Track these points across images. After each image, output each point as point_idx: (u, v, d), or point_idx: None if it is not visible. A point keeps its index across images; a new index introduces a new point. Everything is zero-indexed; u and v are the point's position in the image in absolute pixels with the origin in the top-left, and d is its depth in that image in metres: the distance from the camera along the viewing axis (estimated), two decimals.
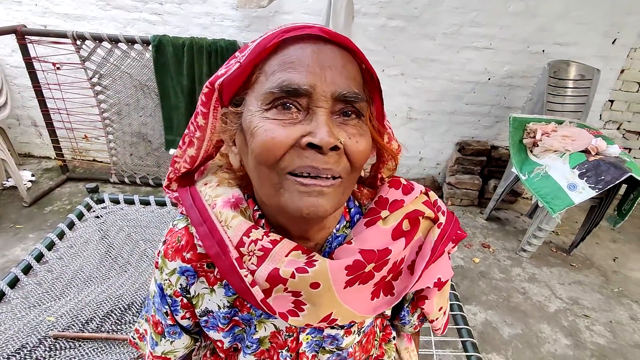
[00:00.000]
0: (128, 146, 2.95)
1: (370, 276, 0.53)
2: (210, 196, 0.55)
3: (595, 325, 2.15)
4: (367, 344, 0.68)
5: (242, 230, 0.51)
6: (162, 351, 0.66)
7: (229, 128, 0.51)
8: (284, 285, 0.50)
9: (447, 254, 0.61)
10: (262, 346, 0.61)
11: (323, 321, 0.52)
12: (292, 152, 0.45)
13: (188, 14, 2.78)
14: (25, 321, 1.31)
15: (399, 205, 0.57)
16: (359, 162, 0.48)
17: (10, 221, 2.54)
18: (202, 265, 0.57)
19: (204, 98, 0.51)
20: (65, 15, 2.83)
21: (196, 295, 0.59)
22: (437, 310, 0.66)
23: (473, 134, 3.18)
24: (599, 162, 2.15)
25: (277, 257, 0.50)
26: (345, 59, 0.47)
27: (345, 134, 0.46)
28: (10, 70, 3.00)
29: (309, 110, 0.45)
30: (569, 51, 2.78)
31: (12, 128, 3.28)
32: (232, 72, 0.48)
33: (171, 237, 0.59)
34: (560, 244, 2.85)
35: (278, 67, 0.45)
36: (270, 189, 0.47)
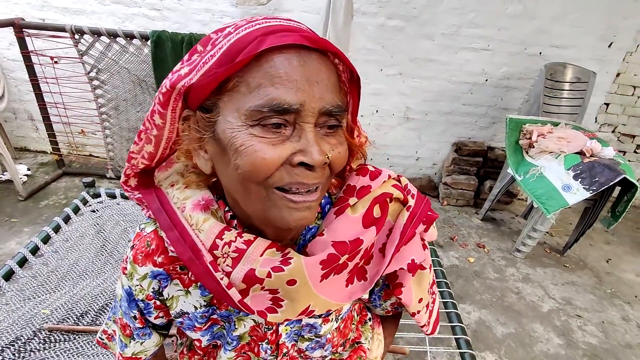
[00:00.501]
0: (125, 141, 2.94)
1: (344, 266, 0.54)
2: (178, 199, 0.54)
3: (588, 326, 2.17)
4: (344, 329, 0.69)
5: (214, 233, 0.50)
6: (132, 352, 0.66)
7: (197, 135, 0.48)
8: (261, 285, 0.50)
9: (419, 237, 0.61)
10: (242, 341, 0.61)
11: (301, 315, 0.53)
12: (281, 169, 0.44)
13: (187, 10, 2.78)
14: (20, 313, 1.30)
15: (367, 191, 0.57)
16: (338, 168, 0.49)
17: (6, 215, 2.53)
18: (174, 268, 0.56)
19: (162, 98, 0.47)
20: (64, 9, 2.82)
21: (170, 297, 0.58)
22: (417, 302, 0.65)
23: (470, 134, 3.20)
24: (593, 163, 2.17)
25: (252, 257, 0.50)
26: (327, 67, 0.46)
27: (329, 146, 0.47)
28: (8, 64, 2.99)
29: (295, 125, 0.44)
30: (565, 54, 2.80)
31: (8, 122, 3.26)
32: (202, 77, 0.44)
33: (140, 241, 0.57)
34: (554, 245, 2.87)
35: (264, 80, 0.42)
36: (257, 203, 0.47)
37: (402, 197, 0.59)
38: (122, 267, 0.59)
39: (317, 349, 0.65)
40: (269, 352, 0.62)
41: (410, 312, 0.67)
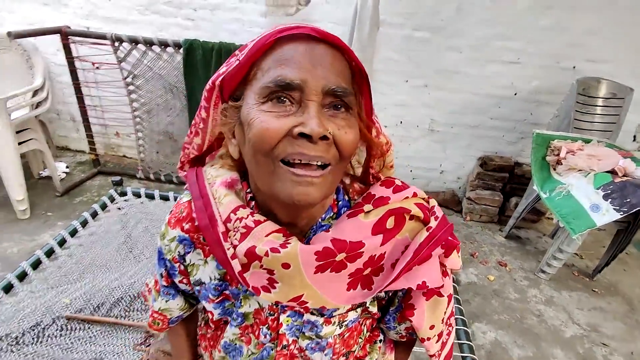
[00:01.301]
0: (155, 144, 3.08)
1: (342, 266, 0.55)
2: (212, 175, 0.61)
3: (614, 356, 2.04)
4: (349, 339, 0.69)
5: (230, 208, 0.56)
6: (159, 307, 0.74)
7: (228, 121, 0.55)
8: (260, 262, 0.54)
9: (437, 261, 0.60)
10: (247, 321, 0.65)
11: (293, 301, 0.56)
12: (284, 141, 0.48)
13: (219, 20, 2.90)
14: (43, 301, 1.40)
15: (384, 202, 0.59)
16: (346, 151, 0.51)
17: (43, 209, 2.70)
18: (198, 238, 0.62)
19: (206, 94, 0.57)
20: (107, 19, 3.00)
21: (191, 264, 0.64)
22: (428, 329, 0.65)
23: (496, 149, 3.11)
24: (625, 183, 2.06)
25: (257, 235, 0.54)
26: (334, 56, 0.50)
27: (334, 125, 0.49)
28: (55, 68, 3.21)
29: (301, 103, 0.49)
30: (601, 68, 2.68)
31: (52, 122, 3.50)
32: (232, 69, 0.52)
33: (176, 208, 0.66)
34: (583, 268, 2.73)
35: (273, 63, 0.49)
36: (266, 175, 0.51)
37: (422, 216, 0.59)
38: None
39: (317, 351, 0.66)
40: (268, 337, 0.65)
41: (420, 338, 0.67)
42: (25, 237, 2.39)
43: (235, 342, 0.68)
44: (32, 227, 2.50)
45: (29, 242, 2.35)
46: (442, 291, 0.63)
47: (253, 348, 0.67)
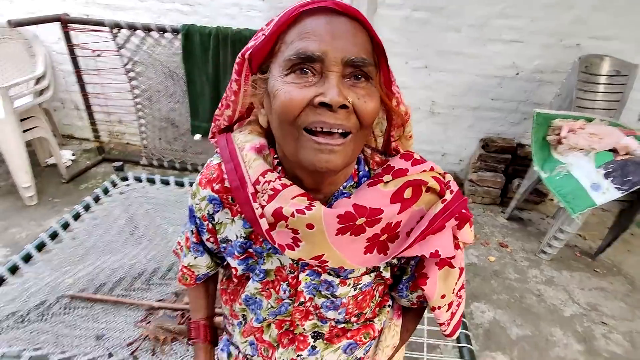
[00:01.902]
0: (157, 130, 3.11)
1: (361, 230, 0.58)
2: (241, 141, 0.65)
3: (613, 334, 2.04)
4: (362, 302, 0.72)
5: (259, 171, 0.60)
6: (188, 262, 0.80)
7: (257, 92, 0.59)
8: (286, 222, 0.57)
9: (450, 232, 0.63)
10: (268, 277, 0.69)
11: (314, 259, 0.59)
12: (307, 111, 0.51)
13: (217, 4, 2.88)
14: (47, 281, 1.44)
15: (403, 174, 0.61)
16: (367, 120, 0.53)
17: (49, 195, 2.76)
18: (227, 198, 0.67)
19: (237, 67, 0.60)
20: (106, 5, 3.01)
21: (219, 222, 0.69)
22: (439, 298, 0.68)
23: (498, 130, 3.08)
24: (626, 162, 2.03)
25: (283, 198, 0.58)
26: (354, 28, 0.52)
27: (354, 94, 0.52)
28: (57, 57, 3.24)
29: (322, 74, 0.51)
30: (606, 45, 2.62)
31: (57, 111, 3.54)
32: (259, 43, 0.56)
33: (206, 169, 0.70)
34: (586, 249, 2.72)
35: (296, 37, 0.52)
36: (292, 143, 0.54)
37: (438, 188, 0.62)
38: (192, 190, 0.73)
39: (332, 309, 0.70)
40: (288, 293, 0.69)
41: (431, 307, 0.71)
42: (33, 222, 2.46)
43: (256, 296, 0.72)
44: (40, 213, 2.56)
45: (36, 227, 2.42)
46: (454, 262, 0.66)
47: (272, 302, 0.71)
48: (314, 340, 0.74)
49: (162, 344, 1.27)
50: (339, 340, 0.74)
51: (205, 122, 2.93)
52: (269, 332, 0.75)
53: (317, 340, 0.74)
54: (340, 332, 0.75)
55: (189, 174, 3.18)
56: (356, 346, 0.77)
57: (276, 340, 0.74)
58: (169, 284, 1.56)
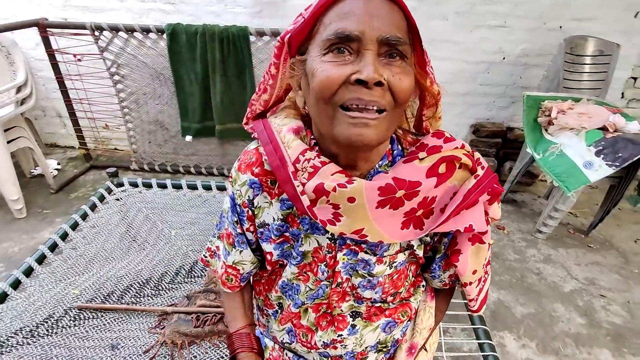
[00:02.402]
0: (146, 134, 3.05)
1: (400, 203, 0.60)
2: (278, 124, 0.67)
3: (612, 305, 2.11)
4: (397, 280, 0.74)
5: (298, 151, 0.62)
6: (233, 260, 0.79)
7: (295, 74, 0.61)
8: (327, 198, 0.58)
9: (482, 207, 0.65)
10: (305, 259, 0.71)
11: (355, 233, 0.61)
12: (343, 88, 0.52)
13: (201, 2, 2.83)
14: (52, 294, 1.40)
15: (437, 150, 0.63)
16: (401, 98, 0.54)
17: (39, 206, 2.68)
18: (266, 181, 0.68)
19: (276, 51, 0.62)
20: (84, 8, 2.92)
21: (258, 206, 0.70)
22: (471, 274, 0.71)
23: (488, 115, 3.13)
24: (616, 139, 2.10)
25: (324, 174, 0.59)
26: (390, 8, 0.54)
27: (389, 72, 0.53)
28: (35, 63, 3.13)
29: (358, 53, 0.52)
30: (588, 27, 2.68)
31: (38, 119, 3.43)
32: (298, 27, 0.57)
33: (244, 155, 0.72)
34: (578, 226, 2.80)
35: (334, 17, 0.53)
36: (327, 120, 0.56)
37: (470, 164, 0.64)
38: (229, 178, 0.75)
39: (369, 288, 0.72)
40: (325, 274, 0.70)
41: (462, 283, 0.73)
42: (24, 235, 2.38)
43: (292, 282, 0.73)
44: (30, 225, 2.48)
45: (29, 240, 2.34)
46: (485, 238, 0.69)
47: (311, 285, 0.72)
48: (352, 319, 0.75)
49: (180, 348, 1.25)
50: (377, 319, 0.76)
51: (195, 123, 2.88)
52: (306, 316, 0.75)
53: (356, 319, 0.75)
54: (378, 311, 0.76)
55: (182, 176, 3.13)
56: (395, 325, 0.78)
57: (314, 324, 0.75)
58: (179, 287, 1.53)
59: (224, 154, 3.08)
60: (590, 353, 1.83)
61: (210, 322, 1.35)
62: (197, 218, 1.86)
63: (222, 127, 2.86)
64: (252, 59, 2.64)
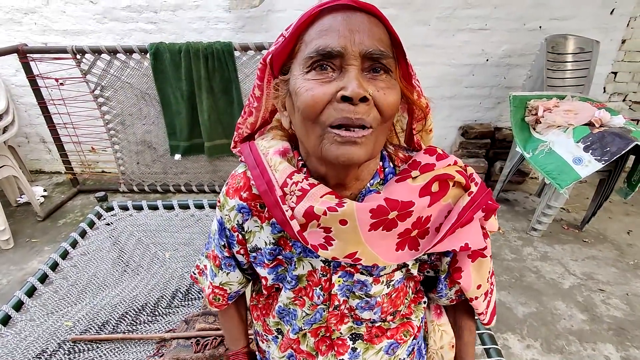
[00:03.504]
0: (134, 155, 3.00)
1: (393, 224, 0.58)
2: (265, 147, 0.66)
3: (611, 299, 2.12)
4: (396, 299, 0.72)
5: (286, 174, 0.60)
6: (220, 282, 0.79)
7: (280, 94, 0.60)
8: (317, 222, 0.57)
9: (478, 224, 0.64)
10: (300, 283, 0.69)
11: (348, 257, 0.59)
12: (329, 107, 0.51)
13: (183, 20, 2.82)
14: (44, 327, 1.35)
15: (430, 168, 0.61)
16: (387, 113, 0.53)
17: (26, 236, 2.60)
18: (255, 205, 0.67)
19: (259, 73, 0.62)
20: (64, 32, 2.89)
21: (249, 231, 0.69)
22: (475, 288, 0.69)
23: (475, 117, 3.16)
24: (603, 133, 2.12)
25: (313, 197, 0.58)
26: (371, 23, 0.52)
27: (374, 87, 0.52)
28: (16, 90, 3.08)
29: (342, 69, 0.51)
30: (566, 25, 2.74)
31: (22, 146, 3.36)
32: (279, 46, 0.56)
33: (232, 179, 0.70)
34: (571, 221, 2.82)
35: (315, 35, 0.52)
36: (315, 140, 0.54)
37: (464, 182, 0.62)
38: (217, 202, 0.73)
39: (367, 309, 0.70)
40: (322, 298, 0.68)
41: (468, 298, 0.71)
42: (12, 267, 2.31)
43: (289, 307, 0.72)
44: (18, 255, 2.41)
45: (17, 271, 2.27)
46: (485, 252, 0.67)
47: (307, 310, 0.70)
48: (353, 342, 0.73)
49: None
50: (379, 341, 0.74)
51: (184, 141, 2.85)
52: (305, 341, 0.73)
53: (356, 342, 0.73)
54: (379, 332, 0.74)
55: (173, 196, 3.08)
56: (398, 345, 0.76)
57: (314, 348, 0.73)
58: (177, 312, 1.49)
59: (214, 170, 3.05)
60: (594, 349, 1.83)
61: (211, 345, 1.31)
62: (191, 238, 1.82)
63: (210, 144, 2.84)
64: (237, 74, 2.63)
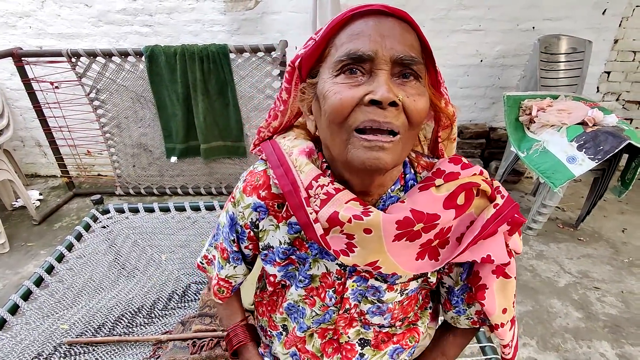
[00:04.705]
0: (130, 158, 3.00)
1: (417, 235, 0.58)
2: (288, 146, 0.65)
3: (607, 297, 2.13)
4: (407, 306, 0.72)
5: (312, 176, 0.59)
6: (226, 274, 0.79)
7: (306, 97, 0.59)
8: (341, 228, 0.56)
9: (502, 238, 0.61)
10: (313, 283, 0.68)
11: (369, 265, 0.59)
12: (357, 110, 0.50)
13: (178, 23, 2.82)
14: (40, 330, 1.34)
15: (455, 177, 0.60)
16: (416, 119, 0.52)
17: (22, 240, 2.60)
18: (273, 205, 0.66)
19: (287, 76, 0.62)
20: (59, 35, 2.88)
21: (263, 230, 0.68)
22: (501, 313, 0.65)
23: (470, 117, 3.18)
24: (596, 132, 2.14)
25: (338, 202, 0.57)
26: (403, 28, 0.52)
27: (403, 93, 0.51)
28: (11, 94, 3.07)
29: (371, 73, 0.51)
30: (559, 26, 2.77)
31: (17, 150, 3.35)
32: (309, 49, 0.56)
33: (251, 176, 0.68)
34: (567, 220, 2.83)
35: (346, 39, 0.52)
36: (341, 145, 0.53)
37: (489, 191, 0.61)
38: (230, 197, 0.72)
39: (377, 314, 0.69)
40: (334, 300, 0.68)
41: (493, 324, 0.66)
42: (8, 271, 2.30)
43: (299, 304, 0.71)
44: (14, 259, 2.40)
45: (13, 275, 2.26)
46: (509, 272, 0.64)
47: (317, 310, 0.69)
48: (361, 348, 0.73)
49: None
50: (385, 346, 0.73)
51: (180, 144, 2.85)
52: (311, 342, 0.73)
53: (364, 348, 0.73)
54: (386, 337, 0.74)
55: (169, 198, 3.08)
56: (402, 350, 0.76)
57: (320, 350, 0.73)
58: (173, 314, 1.49)
59: (210, 172, 3.05)
60: (590, 346, 1.84)
61: (207, 347, 1.31)
62: (187, 240, 1.82)
63: (207, 146, 2.84)
64: (233, 76, 2.64)
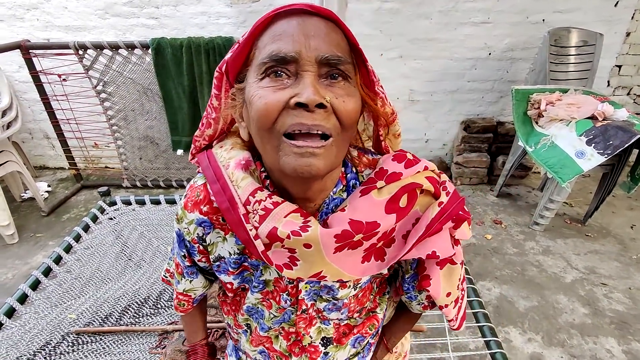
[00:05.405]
0: (137, 150, 3.02)
1: (358, 244, 0.57)
2: (225, 157, 0.61)
3: (614, 293, 2.12)
4: (362, 298, 0.72)
5: (249, 191, 0.56)
6: (184, 288, 0.78)
7: (236, 104, 0.57)
8: (281, 243, 0.55)
9: (447, 232, 0.61)
10: (267, 287, 0.68)
11: (313, 277, 0.58)
12: (284, 114, 0.48)
13: (184, 15, 2.82)
14: (48, 320, 1.36)
15: (397, 178, 0.58)
16: (347, 120, 0.50)
17: (31, 231, 2.63)
18: (217, 218, 0.63)
19: (216, 82, 0.59)
20: (66, 27, 2.89)
21: (211, 243, 0.66)
22: (445, 296, 0.68)
23: (478, 111, 3.14)
24: (606, 127, 2.11)
25: (277, 217, 0.55)
26: (328, 28, 0.50)
27: (332, 94, 0.49)
28: (19, 86, 3.09)
29: (297, 75, 0.49)
30: (570, 18, 2.72)
31: (25, 142, 3.38)
32: (234, 53, 0.54)
33: (191, 191, 0.65)
34: (574, 215, 2.81)
35: (269, 40, 0.50)
36: (272, 152, 0.51)
37: (432, 190, 0.59)
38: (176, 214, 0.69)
39: (334, 310, 0.70)
40: (289, 302, 0.68)
41: (438, 305, 0.70)
42: (17, 261, 2.33)
43: (257, 306, 0.71)
44: (23, 250, 2.43)
45: (22, 265, 2.30)
46: (455, 259, 0.65)
47: (274, 312, 0.70)
48: (325, 347, 0.74)
49: None
50: (347, 339, 0.75)
51: (186, 136, 2.86)
52: (278, 343, 0.74)
53: (328, 347, 0.74)
54: (347, 329, 0.75)
55: (175, 191, 3.09)
56: (363, 339, 0.78)
57: (287, 350, 0.74)
58: None
59: None
60: (596, 342, 1.83)
61: (213, 337, 1.33)
62: None
63: None
64: None
